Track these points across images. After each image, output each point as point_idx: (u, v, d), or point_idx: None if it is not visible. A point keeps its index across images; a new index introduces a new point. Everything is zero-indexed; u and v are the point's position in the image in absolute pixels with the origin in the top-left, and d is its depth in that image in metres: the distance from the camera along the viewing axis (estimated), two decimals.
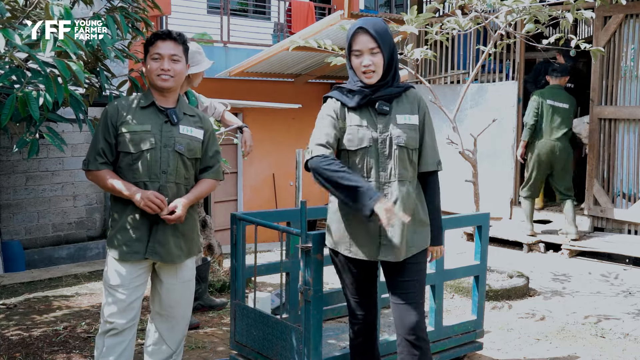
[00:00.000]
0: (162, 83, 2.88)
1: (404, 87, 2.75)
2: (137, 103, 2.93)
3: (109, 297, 2.90)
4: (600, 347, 4.12)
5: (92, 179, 2.92)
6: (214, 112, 4.57)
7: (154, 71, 2.87)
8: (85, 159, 2.91)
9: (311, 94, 13.66)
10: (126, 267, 2.88)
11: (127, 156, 2.87)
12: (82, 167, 2.92)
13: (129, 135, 2.86)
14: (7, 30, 2.54)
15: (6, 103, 2.68)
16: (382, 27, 2.68)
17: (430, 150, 2.78)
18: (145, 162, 2.86)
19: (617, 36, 6.61)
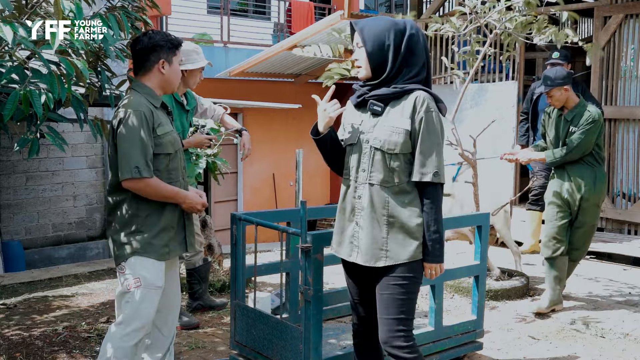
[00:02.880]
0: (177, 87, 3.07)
1: (405, 89, 2.59)
2: (150, 104, 2.90)
3: (151, 298, 2.87)
4: (600, 347, 4.12)
5: (140, 187, 2.81)
6: (214, 115, 4.58)
7: (180, 74, 3.03)
8: (132, 165, 2.76)
9: (311, 94, 13.65)
10: (162, 266, 2.93)
11: (165, 158, 2.91)
12: (132, 175, 2.76)
13: (167, 136, 2.92)
14: (13, 24, 2.54)
15: (9, 99, 2.68)
16: (370, 23, 2.64)
17: (423, 159, 2.56)
18: (176, 162, 2.98)
19: (617, 36, 6.61)
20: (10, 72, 2.79)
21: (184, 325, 4.37)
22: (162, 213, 2.90)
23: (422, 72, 2.63)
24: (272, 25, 14.09)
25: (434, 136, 2.57)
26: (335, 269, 4.96)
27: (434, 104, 2.60)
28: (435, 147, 2.56)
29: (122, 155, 2.79)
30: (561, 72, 4.56)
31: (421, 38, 2.63)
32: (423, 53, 2.63)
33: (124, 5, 3.55)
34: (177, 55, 2.98)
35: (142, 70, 2.96)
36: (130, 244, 2.84)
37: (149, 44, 2.90)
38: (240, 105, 10.63)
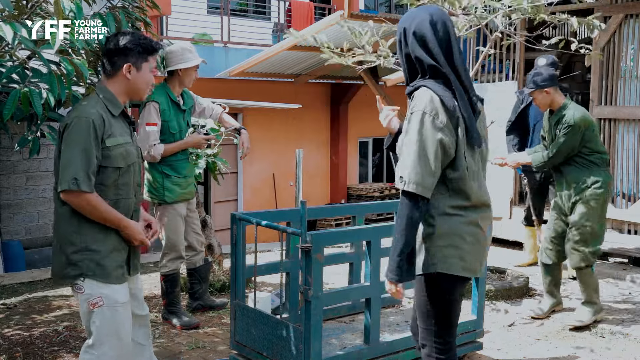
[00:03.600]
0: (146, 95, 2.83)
1: (414, 87, 2.43)
2: (106, 110, 2.66)
3: (119, 314, 2.67)
4: (600, 347, 4.12)
5: (78, 202, 2.54)
6: (212, 114, 4.57)
7: (149, 82, 2.77)
8: (70, 176, 2.50)
9: (311, 94, 13.66)
10: (123, 285, 2.74)
11: (114, 172, 2.66)
12: (69, 187, 2.50)
13: (118, 148, 2.66)
14: (14, 24, 2.54)
15: (9, 99, 2.68)
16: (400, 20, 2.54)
17: (399, 162, 2.37)
18: (128, 177, 2.72)
19: (617, 36, 6.61)
20: (11, 71, 2.79)
21: (184, 325, 4.38)
22: (108, 231, 2.66)
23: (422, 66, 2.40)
24: (272, 25, 14.09)
25: (407, 138, 2.35)
26: (336, 269, 4.97)
27: (427, 103, 2.33)
28: (405, 150, 2.34)
29: (63, 164, 2.54)
30: (543, 74, 4.46)
31: (414, 30, 2.40)
32: (417, 46, 2.39)
33: (124, 5, 3.56)
34: (148, 61, 2.73)
35: (108, 73, 2.72)
36: (78, 264, 2.60)
37: (117, 46, 2.67)
38: (240, 105, 10.63)
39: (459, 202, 2.39)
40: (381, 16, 8.14)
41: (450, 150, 2.34)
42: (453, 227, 2.38)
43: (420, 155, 2.30)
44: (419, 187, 2.29)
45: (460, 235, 2.39)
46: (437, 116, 2.32)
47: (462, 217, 2.39)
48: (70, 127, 2.56)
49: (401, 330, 3.74)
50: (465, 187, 2.39)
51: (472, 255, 2.42)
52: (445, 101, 2.33)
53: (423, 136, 2.30)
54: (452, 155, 2.35)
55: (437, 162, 2.32)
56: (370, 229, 3.35)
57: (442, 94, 2.34)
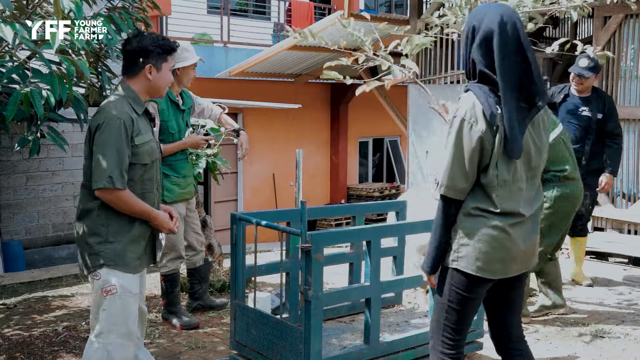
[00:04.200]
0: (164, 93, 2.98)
1: (465, 90, 2.45)
2: (131, 109, 2.80)
3: (129, 304, 2.80)
4: (600, 347, 4.12)
5: (111, 199, 2.71)
6: (211, 114, 4.57)
7: (168, 81, 2.92)
8: (106, 174, 2.66)
9: (311, 94, 13.67)
10: (137, 277, 2.87)
11: (141, 168, 2.81)
12: (104, 185, 2.66)
13: (145, 146, 2.82)
14: (14, 24, 2.55)
15: (10, 100, 2.69)
16: None
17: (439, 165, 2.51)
18: (152, 172, 2.88)
19: (617, 36, 6.61)
20: (11, 72, 2.79)
21: (184, 325, 4.37)
22: (133, 224, 2.81)
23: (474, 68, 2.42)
24: (272, 25, 14.10)
25: (447, 142, 2.42)
26: (336, 268, 4.97)
27: (469, 109, 2.36)
28: (443, 154, 2.45)
29: (97, 163, 2.68)
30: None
31: (483, 29, 2.38)
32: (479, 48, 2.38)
33: (125, 5, 3.56)
34: (167, 61, 2.87)
35: (129, 73, 2.84)
36: (100, 254, 2.75)
37: (138, 48, 2.79)
38: (240, 105, 10.63)
39: (484, 205, 2.42)
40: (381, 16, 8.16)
41: (487, 157, 2.38)
42: (475, 228, 2.42)
43: (455, 160, 2.37)
44: (451, 191, 2.40)
45: (481, 237, 2.41)
46: (476, 123, 2.34)
47: (485, 219, 2.42)
48: (103, 127, 2.69)
49: (401, 330, 3.74)
50: (492, 194, 2.41)
51: (492, 257, 2.42)
52: (485, 109, 2.34)
53: (460, 142, 2.36)
54: (488, 162, 2.39)
55: (473, 168, 2.38)
56: (370, 229, 3.35)
57: (483, 101, 2.35)
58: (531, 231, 2.51)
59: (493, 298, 2.62)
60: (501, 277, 2.51)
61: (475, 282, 2.47)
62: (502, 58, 2.34)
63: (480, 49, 2.38)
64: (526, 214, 2.46)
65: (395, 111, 9.85)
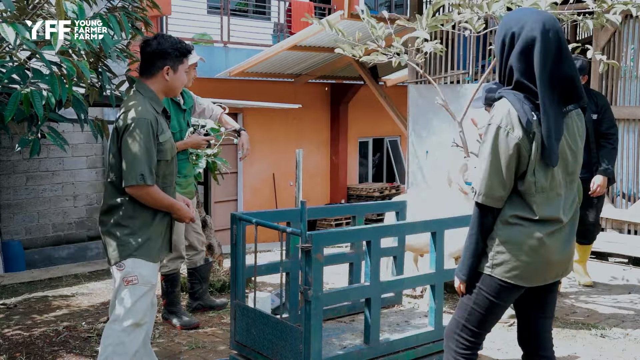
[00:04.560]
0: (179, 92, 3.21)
1: (499, 95, 2.43)
2: (153, 109, 2.95)
3: (147, 295, 2.97)
4: (600, 347, 4.12)
5: (141, 195, 2.88)
6: (212, 115, 4.57)
7: (184, 82, 3.08)
8: (137, 172, 2.83)
9: (311, 94, 13.67)
10: (157, 266, 3.05)
11: (164, 164, 2.99)
12: (137, 182, 2.83)
13: (167, 143, 2.99)
14: (15, 25, 2.55)
15: (10, 100, 2.69)
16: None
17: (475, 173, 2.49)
18: (172, 167, 3.06)
19: (617, 36, 6.61)
20: (12, 72, 2.80)
21: (184, 325, 4.38)
22: (156, 217, 2.99)
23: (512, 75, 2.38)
24: (272, 25, 14.10)
25: (481, 150, 2.41)
26: (336, 269, 4.98)
27: (504, 116, 2.34)
28: (479, 162, 2.43)
29: (128, 162, 2.84)
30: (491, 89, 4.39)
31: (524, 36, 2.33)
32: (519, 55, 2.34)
33: (125, 5, 3.55)
34: (183, 63, 3.03)
35: (147, 74, 3.00)
36: (127, 245, 2.91)
37: (157, 50, 2.94)
38: (240, 105, 10.63)
39: (523, 214, 2.40)
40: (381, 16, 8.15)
41: (524, 164, 2.36)
42: (512, 236, 2.40)
43: (492, 168, 2.36)
44: (488, 199, 2.39)
45: (518, 245, 2.40)
46: (512, 130, 2.33)
47: (523, 227, 2.40)
48: (131, 128, 2.85)
49: (401, 330, 3.74)
50: (530, 201, 2.39)
51: (529, 266, 2.41)
52: (521, 116, 2.31)
53: (496, 150, 2.35)
54: (525, 169, 2.37)
55: (510, 175, 2.36)
56: (370, 229, 3.35)
57: (519, 109, 2.32)
58: (569, 237, 2.50)
59: (526, 303, 2.61)
60: (536, 285, 2.49)
61: (507, 290, 2.46)
62: (544, 66, 2.30)
63: (520, 57, 2.34)
64: (565, 220, 2.44)
65: (395, 111, 9.84)
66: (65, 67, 2.73)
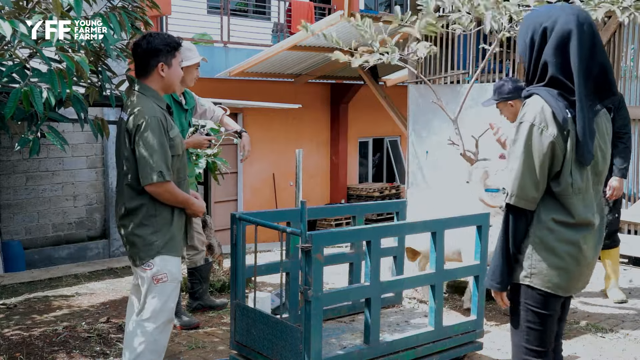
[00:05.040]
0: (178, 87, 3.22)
1: (529, 93, 2.32)
2: (159, 107, 3.00)
3: (176, 291, 3.09)
4: (600, 347, 4.12)
5: (161, 192, 2.93)
6: (213, 116, 4.56)
7: (180, 76, 3.10)
8: (156, 170, 2.88)
9: (311, 94, 13.67)
10: (180, 262, 3.14)
11: (177, 158, 3.03)
12: (155, 180, 2.88)
13: (177, 138, 3.05)
14: (13, 21, 2.55)
15: (10, 98, 2.69)
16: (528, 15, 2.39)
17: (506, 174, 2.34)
18: (183, 161, 3.12)
19: (617, 36, 6.61)
20: (11, 70, 2.79)
21: (184, 325, 4.37)
22: (174, 214, 3.06)
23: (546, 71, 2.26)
24: (272, 25, 14.10)
25: (513, 149, 2.28)
26: (336, 269, 4.97)
27: (538, 114, 2.23)
28: (511, 162, 2.29)
29: (144, 161, 2.88)
30: (506, 84, 4.32)
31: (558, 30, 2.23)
32: (554, 50, 2.24)
33: (125, 5, 3.55)
34: (176, 57, 3.05)
35: (143, 74, 3.03)
36: (154, 243, 2.98)
37: (148, 48, 2.97)
38: (240, 105, 10.63)
39: (561, 217, 2.29)
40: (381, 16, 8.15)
41: (557, 163, 2.26)
42: (552, 244, 2.29)
43: (525, 168, 2.25)
44: (522, 201, 2.27)
45: (558, 253, 2.29)
46: (547, 128, 2.22)
47: (562, 234, 2.29)
48: (143, 127, 2.89)
49: (401, 330, 3.74)
50: (567, 203, 2.28)
51: (567, 274, 2.32)
52: (556, 113, 2.21)
53: (529, 149, 2.24)
54: (559, 169, 2.27)
55: (544, 175, 2.26)
56: (370, 229, 3.34)
57: (554, 105, 2.22)
58: (599, 242, 2.40)
59: None
60: (573, 293, 2.41)
61: (552, 298, 2.35)
62: (580, 60, 2.21)
63: (556, 51, 2.23)
64: (596, 224, 2.35)
65: (396, 111, 9.84)
66: (65, 64, 2.73)
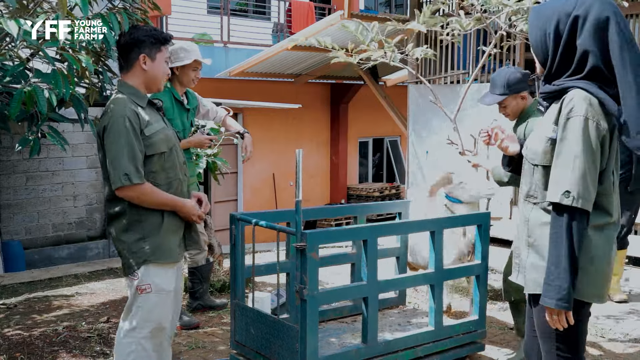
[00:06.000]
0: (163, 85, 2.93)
1: (562, 87, 2.15)
2: (134, 104, 2.77)
3: (163, 302, 2.83)
4: (600, 347, 4.12)
5: (134, 196, 2.69)
6: (216, 117, 4.56)
7: (165, 72, 2.87)
8: (121, 172, 2.65)
9: (311, 94, 13.67)
10: (173, 270, 2.87)
11: (160, 157, 2.79)
12: (122, 183, 2.65)
13: (158, 135, 2.79)
14: (18, 20, 2.55)
15: (14, 98, 2.69)
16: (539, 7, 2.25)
17: (556, 173, 2.12)
18: (172, 159, 2.85)
19: None
20: (13, 70, 2.80)
21: (184, 325, 4.38)
22: (164, 217, 2.80)
23: (586, 64, 2.11)
24: (272, 25, 14.10)
25: (570, 146, 2.09)
26: (336, 269, 4.97)
27: (588, 107, 2.08)
28: (570, 161, 2.08)
29: (110, 163, 2.68)
30: (514, 74, 3.66)
31: (594, 18, 2.09)
32: (592, 39, 2.09)
33: (125, 6, 3.55)
34: (161, 51, 2.83)
35: (125, 68, 2.83)
36: (138, 252, 2.75)
37: (130, 40, 2.78)
38: (240, 105, 10.64)
39: (602, 219, 2.17)
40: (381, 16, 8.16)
41: (604, 160, 2.14)
42: (593, 249, 2.16)
43: (587, 167, 2.07)
44: (586, 202, 2.08)
45: (599, 259, 2.17)
46: (600, 122, 2.09)
47: (603, 236, 2.17)
48: (109, 128, 2.69)
49: (401, 330, 3.74)
50: (607, 203, 2.17)
51: (603, 279, 2.21)
52: (608, 104, 2.08)
53: (588, 144, 2.08)
54: (604, 167, 2.14)
55: (597, 173, 2.11)
56: (366, 228, 3.32)
57: (603, 97, 2.08)
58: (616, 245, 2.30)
59: None
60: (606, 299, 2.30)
61: (587, 305, 2.26)
62: (621, 47, 2.06)
63: (594, 40, 2.08)
64: (619, 225, 2.26)
65: (396, 111, 9.84)
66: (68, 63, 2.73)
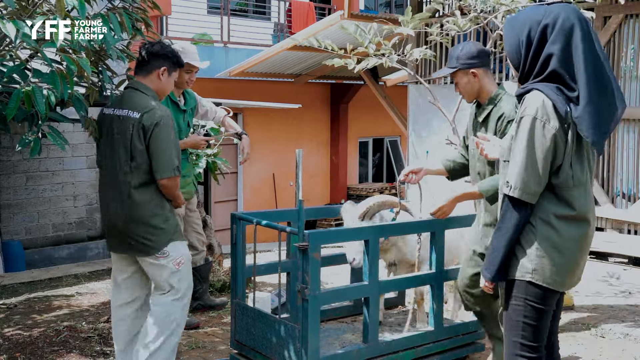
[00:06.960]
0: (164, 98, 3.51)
1: (525, 90, 2.33)
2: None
3: (190, 268, 3.36)
4: (600, 347, 4.12)
5: (172, 185, 3.19)
6: (215, 117, 4.55)
7: (170, 89, 3.40)
8: (173, 165, 3.15)
9: (311, 94, 13.67)
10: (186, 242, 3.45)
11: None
12: (173, 174, 3.15)
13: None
14: (16, 21, 2.55)
15: (11, 98, 2.69)
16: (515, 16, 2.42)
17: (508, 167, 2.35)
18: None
19: (617, 36, 6.61)
20: (12, 70, 2.80)
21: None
22: (169, 208, 3.32)
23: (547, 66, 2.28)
24: (272, 25, 14.10)
25: (516, 144, 2.30)
26: (336, 269, 4.97)
27: (539, 107, 2.25)
28: (515, 156, 2.29)
29: (161, 156, 3.11)
30: (471, 47, 3.27)
31: (560, 25, 2.26)
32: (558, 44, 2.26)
33: (125, 6, 3.55)
34: (175, 71, 3.33)
35: (144, 71, 3.23)
36: (166, 231, 3.21)
37: (159, 52, 3.23)
38: (240, 105, 10.63)
39: (562, 211, 2.31)
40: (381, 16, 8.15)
41: (560, 156, 2.28)
42: (553, 238, 2.31)
43: (528, 161, 2.26)
44: (524, 194, 2.27)
45: (559, 248, 2.31)
46: (549, 121, 2.25)
47: (565, 231, 2.31)
48: (161, 124, 3.11)
49: (402, 330, 3.74)
50: (567, 196, 2.31)
51: (568, 270, 2.34)
52: (557, 106, 2.25)
53: (532, 142, 2.26)
54: (560, 162, 2.29)
55: (546, 168, 2.27)
56: (368, 228, 3.34)
57: (554, 98, 2.25)
58: (592, 239, 2.42)
59: None
60: (569, 288, 2.42)
61: (551, 293, 2.37)
62: (584, 52, 2.24)
63: (559, 46, 2.25)
64: (591, 220, 2.38)
65: (396, 111, 9.84)
66: (66, 64, 2.73)
